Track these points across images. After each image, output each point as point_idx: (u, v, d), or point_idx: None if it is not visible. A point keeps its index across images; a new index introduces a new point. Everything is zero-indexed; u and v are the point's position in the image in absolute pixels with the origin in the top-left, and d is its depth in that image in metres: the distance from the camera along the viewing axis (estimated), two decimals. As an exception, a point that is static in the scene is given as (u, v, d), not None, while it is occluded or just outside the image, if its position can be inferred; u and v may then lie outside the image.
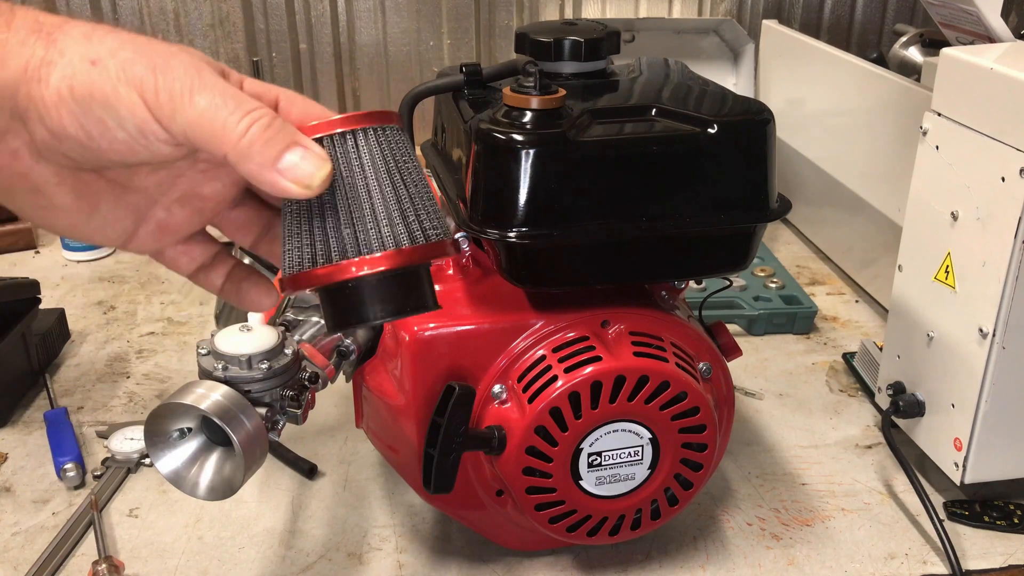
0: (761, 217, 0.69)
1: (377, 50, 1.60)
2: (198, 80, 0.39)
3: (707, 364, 0.72)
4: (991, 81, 0.75)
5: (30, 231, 1.45)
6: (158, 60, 0.39)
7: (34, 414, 1.01)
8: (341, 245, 0.42)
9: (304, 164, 0.40)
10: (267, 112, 0.40)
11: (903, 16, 1.71)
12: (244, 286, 0.49)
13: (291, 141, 0.40)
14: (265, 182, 0.40)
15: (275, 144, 0.39)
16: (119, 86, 0.38)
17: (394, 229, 0.42)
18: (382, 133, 0.43)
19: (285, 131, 0.40)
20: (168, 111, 0.38)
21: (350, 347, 0.75)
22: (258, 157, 0.39)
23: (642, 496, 0.71)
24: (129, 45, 0.39)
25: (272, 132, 0.39)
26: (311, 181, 0.40)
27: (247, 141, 0.39)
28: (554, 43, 0.75)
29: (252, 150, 0.39)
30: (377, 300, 0.43)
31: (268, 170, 0.39)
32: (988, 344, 0.77)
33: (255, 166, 0.39)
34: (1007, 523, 0.83)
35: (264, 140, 0.39)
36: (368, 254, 0.42)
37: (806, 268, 1.38)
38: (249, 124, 0.39)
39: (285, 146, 0.40)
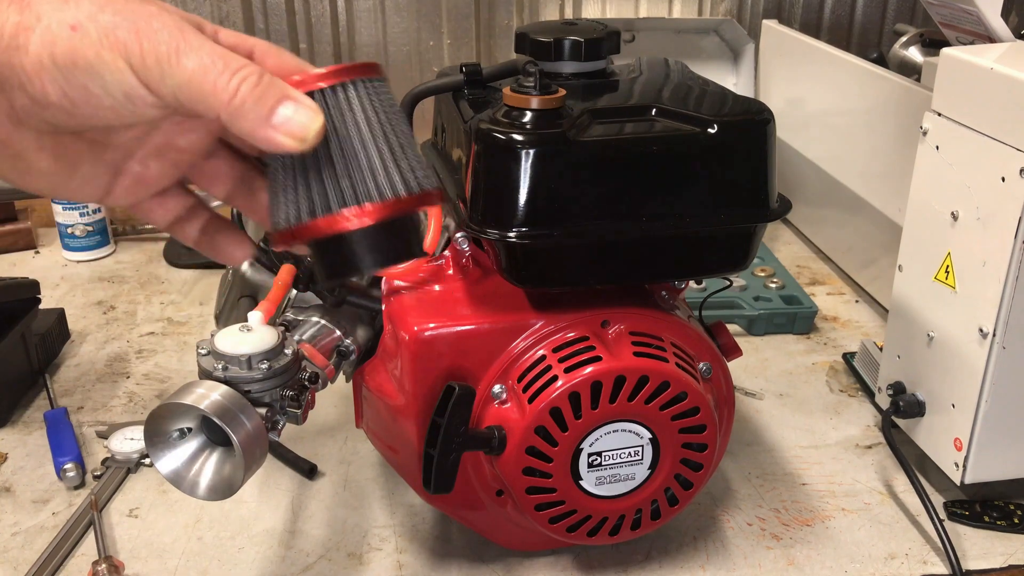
0: (761, 217, 0.69)
1: (377, 50, 1.60)
2: (183, 41, 0.39)
3: (707, 364, 0.72)
4: (991, 81, 0.75)
5: (30, 231, 1.45)
6: (140, 22, 0.38)
7: (34, 414, 1.01)
8: (339, 196, 0.42)
9: (297, 117, 0.40)
10: (255, 68, 0.40)
11: (903, 16, 1.71)
12: (218, 238, 0.49)
13: (282, 95, 0.40)
14: (260, 139, 0.40)
15: (267, 100, 0.39)
16: (103, 52, 0.38)
17: (390, 179, 0.43)
18: (369, 85, 0.43)
19: (274, 86, 0.40)
20: (156, 75, 0.38)
21: (350, 347, 0.75)
22: (251, 114, 0.39)
23: (642, 496, 0.71)
24: (108, 7, 0.38)
25: (262, 88, 0.39)
26: (306, 134, 0.40)
27: (239, 100, 0.39)
28: (554, 43, 0.75)
29: (244, 108, 0.39)
30: (370, 249, 0.43)
31: (262, 126, 0.40)
32: (988, 344, 0.77)
33: (249, 124, 0.39)
34: (1007, 523, 0.83)
35: (255, 97, 0.39)
36: (367, 203, 0.42)
37: (806, 268, 1.38)
38: (239, 82, 0.39)
39: (276, 101, 0.40)
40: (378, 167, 0.43)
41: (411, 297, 0.73)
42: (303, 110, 0.40)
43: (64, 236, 1.41)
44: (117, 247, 1.46)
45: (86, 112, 0.39)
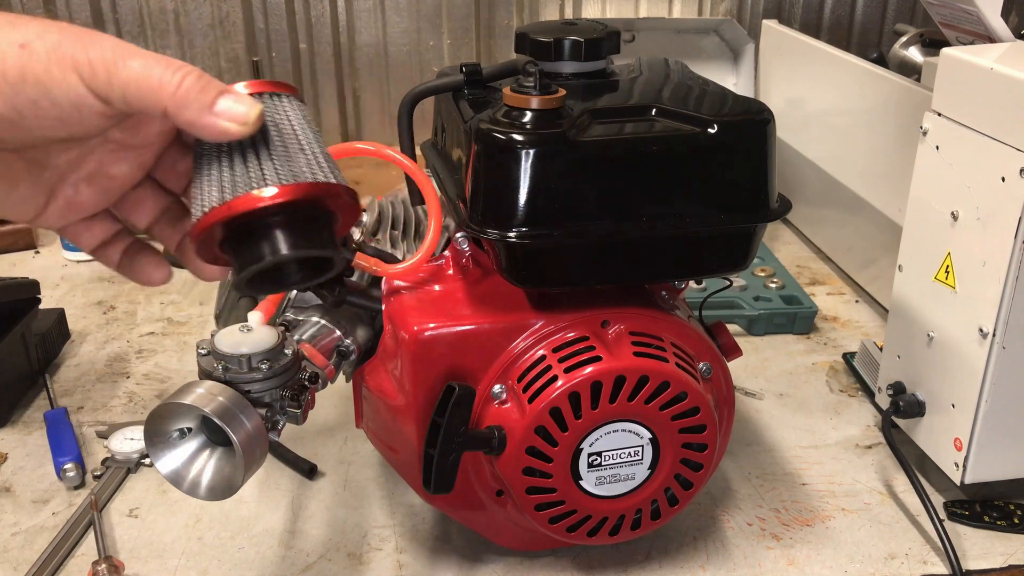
0: (761, 217, 0.69)
1: (377, 50, 1.60)
2: (126, 48, 0.42)
3: (707, 364, 0.72)
4: (991, 81, 0.75)
5: (30, 231, 1.45)
6: (84, 38, 0.41)
7: (34, 414, 1.01)
8: (259, 175, 0.44)
9: (238, 105, 0.43)
10: (196, 68, 0.43)
11: (903, 16, 1.71)
12: (137, 260, 0.52)
13: (221, 89, 0.44)
14: (204, 126, 0.43)
15: (209, 92, 0.43)
16: (51, 66, 0.41)
17: (310, 166, 0.45)
18: (293, 100, 0.48)
19: (214, 83, 0.44)
20: (103, 79, 0.41)
21: (350, 347, 0.75)
22: (195, 104, 0.42)
23: (642, 496, 0.71)
24: (53, 28, 0.42)
25: (204, 82, 0.43)
26: (247, 118, 0.43)
27: (183, 91, 0.42)
28: (554, 43, 0.75)
29: (189, 98, 0.42)
30: (284, 235, 0.45)
31: (205, 114, 0.43)
32: (988, 344, 0.77)
33: (193, 113, 0.43)
34: (1007, 523, 0.83)
35: (199, 88, 0.42)
36: (282, 184, 0.44)
37: (806, 268, 1.38)
38: (182, 77, 0.42)
39: (217, 93, 0.43)
40: (298, 158, 0.45)
41: (411, 297, 0.73)
42: (243, 99, 0.44)
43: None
44: (117, 247, 1.45)
45: (32, 124, 0.42)
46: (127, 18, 1.52)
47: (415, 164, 0.74)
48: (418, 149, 0.84)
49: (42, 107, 0.41)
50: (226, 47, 1.55)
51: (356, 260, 0.72)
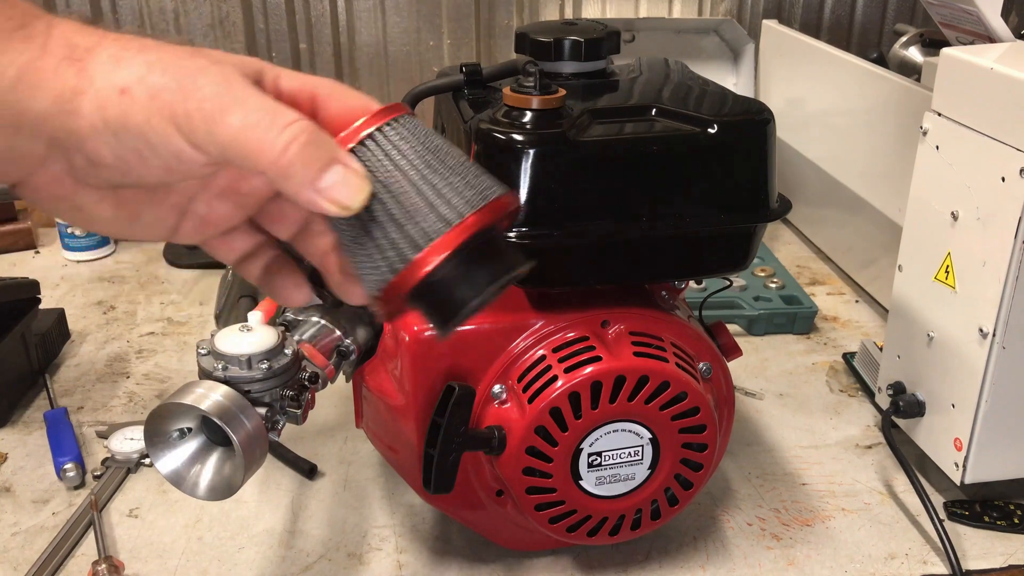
0: (761, 217, 0.69)
1: (377, 50, 1.60)
2: (229, 97, 0.38)
3: (707, 364, 0.72)
4: (991, 81, 0.75)
5: (30, 231, 1.45)
6: (186, 81, 0.38)
7: (34, 414, 1.01)
8: (409, 241, 0.40)
9: (344, 186, 0.39)
10: (305, 126, 0.38)
11: (903, 16, 1.70)
12: (277, 279, 0.48)
13: (331, 158, 0.39)
14: (304, 201, 0.39)
15: (315, 163, 0.38)
16: (151, 116, 0.38)
17: (451, 205, 0.41)
18: (403, 122, 0.42)
19: (324, 147, 0.39)
20: (202, 134, 0.38)
21: (350, 347, 0.75)
22: (298, 177, 0.38)
23: (642, 496, 0.71)
24: (157, 66, 0.38)
25: (312, 150, 0.38)
26: (351, 202, 0.39)
27: (287, 161, 0.38)
28: (554, 43, 0.75)
29: (292, 170, 0.38)
30: (465, 281, 0.41)
31: (307, 190, 0.38)
32: (988, 344, 0.77)
33: (294, 186, 0.38)
34: (1007, 523, 0.83)
35: (303, 160, 0.38)
36: (436, 238, 0.40)
37: (806, 268, 1.38)
38: (287, 142, 0.38)
39: (325, 164, 0.39)
40: (434, 199, 0.41)
41: (411, 297, 0.73)
42: (351, 177, 0.39)
43: (64, 236, 1.41)
44: (117, 247, 1.46)
45: (139, 172, 0.40)
46: (127, 18, 1.52)
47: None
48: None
49: (145, 157, 0.39)
50: (226, 47, 1.55)
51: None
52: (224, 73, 0.39)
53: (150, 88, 0.38)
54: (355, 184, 0.39)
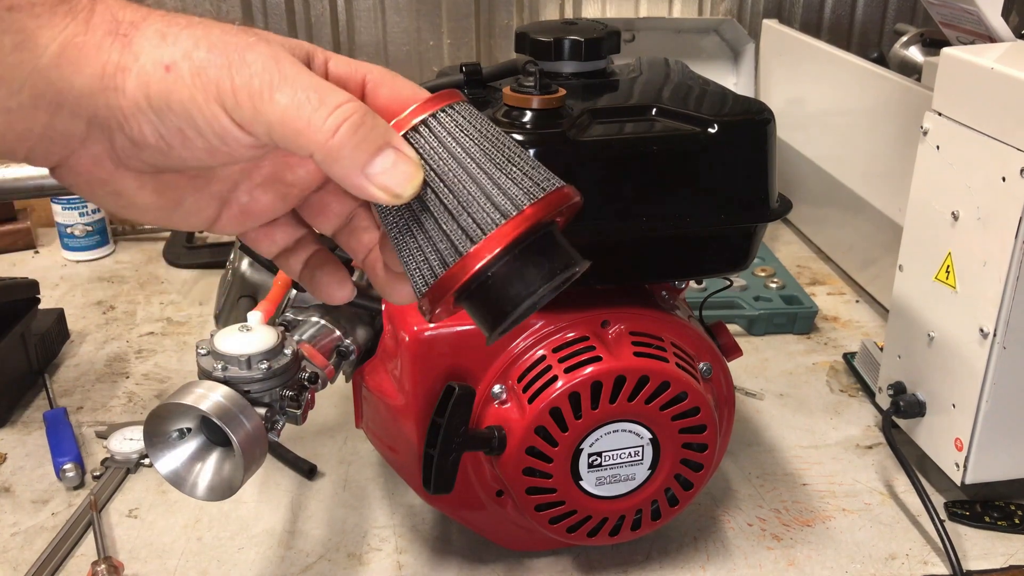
0: (761, 217, 0.69)
1: (377, 50, 1.59)
2: (277, 74, 0.36)
3: (707, 364, 0.71)
4: (992, 81, 0.75)
5: (29, 231, 1.45)
6: (233, 56, 0.36)
7: (33, 414, 1.01)
8: (462, 234, 0.38)
9: (395, 172, 0.37)
10: (357, 107, 0.36)
11: (904, 16, 1.70)
12: (319, 275, 0.46)
13: (383, 142, 0.37)
14: (353, 187, 0.37)
15: (366, 146, 0.36)
16: (195, 93, 0.36)
17: (508, 196, 0.38)
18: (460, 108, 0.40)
19: (377, 130, 0.37)
20: (248, 112, 0.36)
21: (350, 347, 0.75)
22: (347, 160, 0.36)
23: (642, 496, 0.71)
24: (204, 42, 0.36)
25: (364, 132, 0.36)
26: (402, 190, 0.37)
27: (337, 142, 0.36)
28: (554, 43, 0.75)
29: (342, 153, 0.36)
30: (520, 278, 0.38)
31: (357, 175, 0.36)
32: (989, 344, 0.77)
33: (343, 169, 0.36)
34: (1008, 523, 0.83)
35: (355, 143, 0.36)
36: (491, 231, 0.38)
37: (806, 268, 1.38)
38: (338, 123, 0.36)
39: (377, 148, 0.36)
40: (491, 190, 0.38)
41: (411, 297, 0.73)
42: (403, 163, 0.37)
43: (63, 236, 1.41)
44: (116, 247, 1.46)
45: (182, 154, 0.38)
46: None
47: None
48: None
49: (189, 137, 0.37)
50: (226, 47, 1.55)
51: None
52: (273, 50, 0.37)
53: (196, 64, 0.36)
54: (407, 171, 0.37)
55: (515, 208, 0.38)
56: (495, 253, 0.37)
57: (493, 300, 0.39)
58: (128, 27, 0.37)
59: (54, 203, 1.41)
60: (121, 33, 0.37)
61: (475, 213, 0.38)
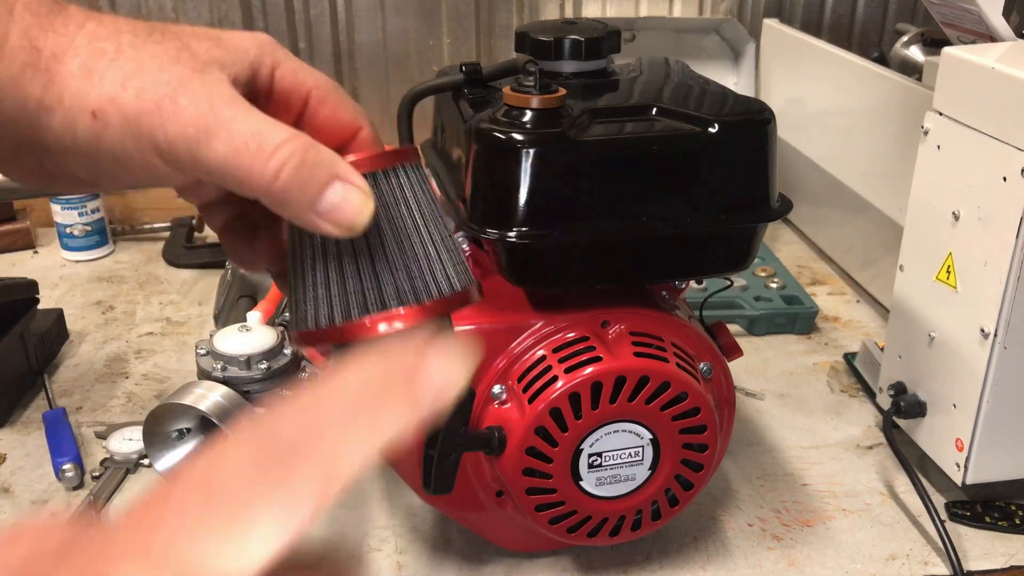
0: (762, 217, 0.69)
1: (377, 49, 1.59)
2: (213, 119, 0.34)
3: (708, 364, 0.71)
4: (993, 80, 0.75)
5: (28, 231, 1.45)
6: (164, 101, 0.34)
7: (32, 414, 1.01)
8: (377, 296, 0.37)
9: (346, 206, 0.35)
10: (297, 147, 0.35)
11: (904, 15, 1.70)
12: (233, 240, 0.44)
13: (329, 176, 0.35)
14: (305, 224, 0.36)
15: (311, 185, 0.35)
16: (126, 143, 0.34)
17: (433, 276, 0.38)
18: (414, 171, 0.39)
19: (321, 166, 0.35)
20: (187, 160, 0.35)
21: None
22: (295, 202, 0.35)
23: (643, 497, 0.70)
24: (133, 83, 0.34)
25: (307, 171, 0.35)
26: (354, 223, 0.35)
27: (280, 186, 0.34)
28: (554, 42, 0.75)
29: (287, 196, 0.35)
30: None
31: (307, 213, 0.35)
32: (990, 344, 0.76)
33: (292, 211, 0.35)
34: (1008, 524, 0.83)
35: (299, 184, 0.34)
36: (405, 306, 0.37)
37: (807, 268, 1.38)
38: (278, 167, 0.34)
39: (323, 185, 0.35)
40: (422, 264, 0.38)
41: (411, 297, 0.72)
42: (352, 194, 0.35)
43: (63, 236, 1.41)
44: (116, 247, 1.46)
45: (115, 184, 0.37)
46: (125, 15, 1.51)
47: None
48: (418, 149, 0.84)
49: (122, 176, 0.36)
50: (225, 46, 1.55)
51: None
52: (207, 86, 0.35)
53: (124, 111, 0.34)
54: (357, 202, 0.35)
55: (450, 288, 0.38)
56: (396, 330, 0.37)
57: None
58: (49, 60, 0.35)
59: (53, 203, 1.41)
60: (42, 67, 0.35)
61: (399, 281, 0.37)
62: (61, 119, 0.35)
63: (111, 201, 1.51)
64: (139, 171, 0.36)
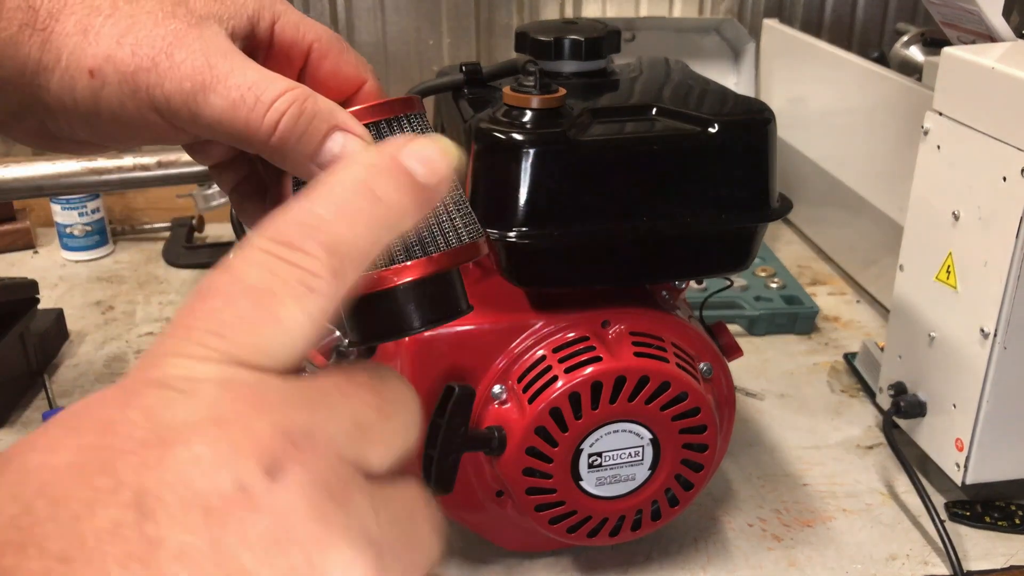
0: (762, 217, 0.69)
1: (377, 49, 1.59)
2: (209, 73, 0.34)
3: (708, 364, 0.71)
4: (993, 80, 0.75)
5: (28, 231, 1.45)
6: (161, 57, 0.34)
7: (33, 415, 1.01)
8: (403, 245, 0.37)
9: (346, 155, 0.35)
10: (294, 97, 0.34)
11: (904, 15, 1.70)
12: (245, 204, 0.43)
13: (328, 127, 0.35)
14: (306, 176, 0.36)
15: (310, 136, 0.34)
16: (125, 101, 0.34)
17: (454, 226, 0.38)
18: (418, 120, 0.38)
19: (319, 116, 0.35)
20: (186, 116, 0.34)
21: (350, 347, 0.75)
22: (294, 154, 0.35)
23: (643, 497, 0.70)
24: (129, 38, 0.34)
25: (305, 122, 0.34)
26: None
27: (278, 139, 0.34)
28: (554, 42, 0.75)
29: (286, 148, 0.34)
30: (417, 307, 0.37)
31: (307, 166, 0.35)
32: (990, 344, 0.76)
33: (292, 164, 0.35)
34: (1008, 524, 0.83)
35: (297, 136, 0.34)
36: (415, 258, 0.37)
37: (807, 268, 1.38)
38: (276, 118, 0.34)
39: (322, 135, 0.34)
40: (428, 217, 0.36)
41: (411, 297, 0.72)
42: (353, 143, 0.35)
43: (63, 236, 1.41)
44: (116, 247, 1.46)
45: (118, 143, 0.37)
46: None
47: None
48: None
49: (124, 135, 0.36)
50: (225, 46, 1.55)
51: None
52: (203, 40, 0.35)
53: (121, 69, 0.34)
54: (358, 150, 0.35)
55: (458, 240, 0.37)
56: (424, 275, 0.36)
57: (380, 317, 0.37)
58: (46, 19, 0.35)
59: (53, 203, 1.41)
60: (39, 27, 0.34)
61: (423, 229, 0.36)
62: (59, 79, 0.34)
63: (111, 201, 1.51)
64: (140, 129, 0.35)
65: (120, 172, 0.99)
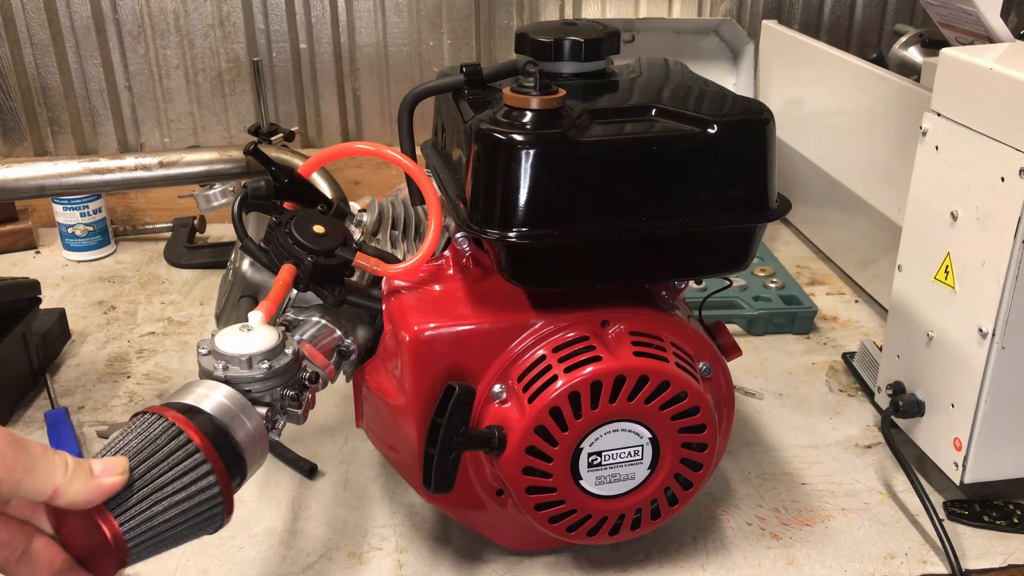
0: (761, 217, 0.69)
1: (377, 50, 1.60)
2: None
3: (707, 364, 0.72)
4: (991, 81, 0.75)
5: (30, 231, 1.45)
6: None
7: (35, 414, 1.01)
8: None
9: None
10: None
11: (903, 16, 1.71)
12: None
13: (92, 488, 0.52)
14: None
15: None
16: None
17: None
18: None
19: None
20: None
21: (350, 347, 0.76)
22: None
23: (642, 496, 0.71)
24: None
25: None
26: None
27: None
28: (554, 43, 0.75)
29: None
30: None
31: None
32: (988, 344, 0.77)
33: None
34: (1006, 523, 0.83)
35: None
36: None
37: (806, 268, 1.38)
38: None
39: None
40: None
41: (411, 297, 0.73)
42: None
43: (65, 236, 1.41)
44: (117, 247, 1.46)
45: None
46: (127, 18, 1.52)
47: (415, 164, 0.74)
48: (418, 149, 0.84)
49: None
50: (226, 47, 1.55)
51: (356, 260, 0.72)
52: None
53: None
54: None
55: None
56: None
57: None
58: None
59: (55, 203, 1.41)
60: None
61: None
62: None
63: (113, 201, 1.51)
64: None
65: (122, 172, 1.00)
